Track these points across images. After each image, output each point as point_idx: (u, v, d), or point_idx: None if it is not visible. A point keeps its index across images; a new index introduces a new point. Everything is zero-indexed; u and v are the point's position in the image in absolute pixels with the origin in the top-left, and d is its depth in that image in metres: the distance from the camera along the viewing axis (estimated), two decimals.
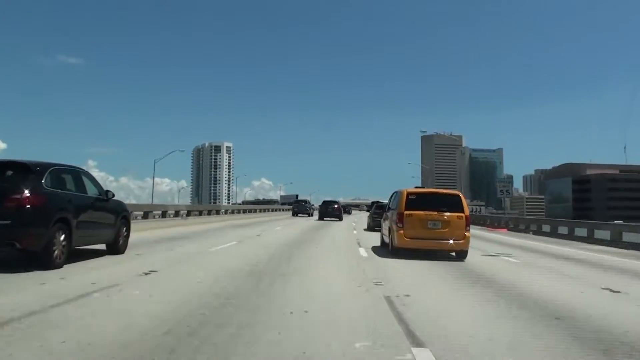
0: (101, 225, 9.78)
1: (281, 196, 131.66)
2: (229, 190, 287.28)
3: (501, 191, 37.34)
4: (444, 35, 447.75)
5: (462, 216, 11.45)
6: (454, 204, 11.67)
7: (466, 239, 11.36)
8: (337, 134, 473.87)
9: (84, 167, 10.84)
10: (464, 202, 11.76)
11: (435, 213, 11.42)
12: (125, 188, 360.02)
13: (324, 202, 39.10)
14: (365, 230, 24.57)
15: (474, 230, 18.37)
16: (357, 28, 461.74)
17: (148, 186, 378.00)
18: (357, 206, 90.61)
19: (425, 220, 11.41)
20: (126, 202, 13.97)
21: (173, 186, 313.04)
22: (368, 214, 67.22)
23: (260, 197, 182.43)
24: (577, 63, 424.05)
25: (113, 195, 10.37)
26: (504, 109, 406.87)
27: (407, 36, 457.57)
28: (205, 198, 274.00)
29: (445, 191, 13.20)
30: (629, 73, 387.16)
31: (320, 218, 35.90)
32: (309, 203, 51.36)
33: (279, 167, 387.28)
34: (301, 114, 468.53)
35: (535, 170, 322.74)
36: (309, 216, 43.71)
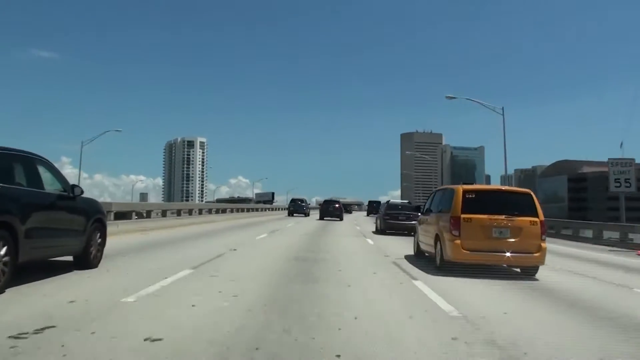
0: (64, 231, 7.30)
1: (256, 194, 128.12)
2: (202, 188, 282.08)
3: None
4: (428, 35, 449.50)
5: (536, 221, 9.18)
6: (524, 205, 9.38)
7: (542, 251, 9.08)
8: (315, 134, 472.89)
9: (57, 164, 8.33)
10: (537, 203, 9.47)
11: (502, 218, 9.11)
12: (100, 185, 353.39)
13: (325, 202, 40.16)
14: (374, 233, 22.50)
15: None
16: (337, 28, 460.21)
17: (124, 183, 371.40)
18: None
19: (489, 228, 9.09)
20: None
21: (149, 183, 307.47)
22: (365, 213, 63.52)
23: (236, 195, 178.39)
24: (561, 62, 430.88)
25: (82, 192, 7.82)
26: (485, 108, 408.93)
27: (390, 36, 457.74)
28: (177, 196, 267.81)
29: (512, 189, 10.96)
30: (612, 72, 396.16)
31: (321, 217, 36.23)
32: (306, 202, 49.49)
33: (255, 165, 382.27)
34: (279, 112, 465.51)
35: (515, 170, 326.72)
36: (305, 216, 42.97)
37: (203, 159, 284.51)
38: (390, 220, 21.64)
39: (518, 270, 9.67)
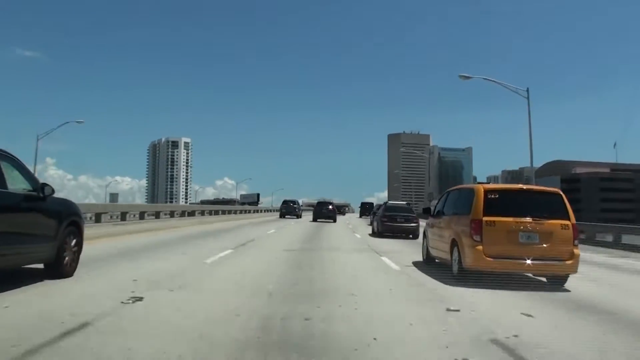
0: (32, 236, 6.38)
1: (241, 195, 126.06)
2: (186, 189, 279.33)
3: None
4: (412, 35, 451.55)
5: (567, 225, 8.31)
6: (554, 206, 8.51)
7: (575, 258, 8.20)
8: (302, 135, 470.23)
9: (41, 165, 7.23)
10: (568, 204, 8.60)
11: (530, 220, 8.23)
12: (85, 187, 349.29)
13: (319, 204, 39.95)
14: (371, 236, 21.70)
15: None
16: (323, 28, 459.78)
17: (109, 184, 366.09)
18: None
19: (515, 232, 8.20)
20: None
21: (134, 185, 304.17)
22: (356, 215, 62.40)
23: (221, 197, 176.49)
24: (551, 62, 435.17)
25: (53, 192, 6.83)
26: (471, 109, 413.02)
27: (373, 36, 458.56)
28: (161, 197, 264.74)
29: (540, 188, 10.05)
30: (601, 72, 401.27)
31: (314, 219, 36.15)
32: (298, 204, 48.73)
33: (241, 166, 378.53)
34: (265, 112, 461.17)
35: (503, 171, 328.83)
36: (297, 218, 42.92)
37: (187, 159, 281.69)
38: (389, 222, 20.79)
39: (543, 279, 8.80)
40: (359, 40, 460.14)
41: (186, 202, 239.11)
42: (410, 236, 20.53)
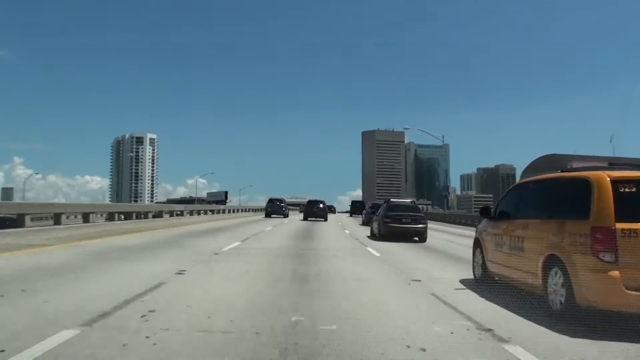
0: None
1: (208, 193, 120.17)
2: (152, 188, 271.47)
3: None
4: (396, 35, 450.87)
5: None
6: None
7: None
8: (274, 134, 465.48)
9: (8, 165, 3.73)
10: None
11: None
12: (54, 186, 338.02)
13: (309, 202, 39.38)
14: (370, 238, 19.05)
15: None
16: (296, 29, 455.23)
17: (78, 184, 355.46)
18: (298, 205, 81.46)
19: None
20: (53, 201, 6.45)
21: (104, 184, 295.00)
22: (349, 214, 58.44)
23: (188, 196, 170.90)
24: (524, 62, 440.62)
25: None
26: (447, 109, 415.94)
27: (353, 36, 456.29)
28: (125, 196, 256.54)
29: None
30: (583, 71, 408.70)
31: (305, 218, 36.19)
32: (285, 202, 45.81)
33: (214, 166, 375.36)
34: (236, 113, 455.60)
35: (478, 169, 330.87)
36: (284, 217, 41.11)
37: (153, 156, 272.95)
38: (392, 223, 17.67)
39: None
40: (334, 40, 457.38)
41: (152, 201, 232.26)
42: (416, 239, 17.60)
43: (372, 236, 19.61)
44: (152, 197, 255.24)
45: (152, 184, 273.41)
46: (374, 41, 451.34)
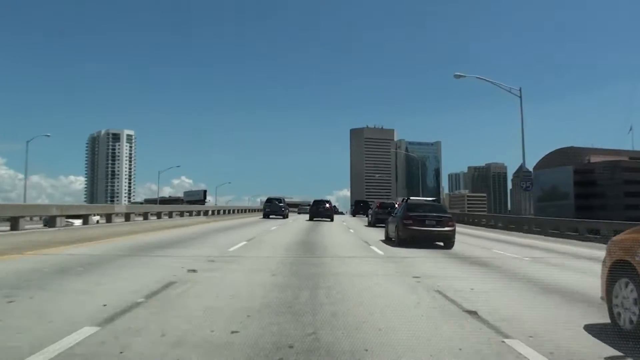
0: None
1: (185, 192, 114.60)
2: (129, 187, 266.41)
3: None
4: (384, 34, 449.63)
5: None
6: None
7: None
8: (261, 133, 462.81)
9: None
10: None
11: None
12: (38, 187, 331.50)
13: (315, 202, 39.22)
14: (385, 243, 16.80)
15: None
16: (282, 26, 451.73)
17: (62, 185, 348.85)
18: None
19: None
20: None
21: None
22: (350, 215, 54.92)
23: (168, 195, 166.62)
24: (510, 57, 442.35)
25: None
26: (438, 108, 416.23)
27: (340, 35, 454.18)
28: (100, 196, 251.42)
29: None
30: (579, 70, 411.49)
31: (311, 218, 36.04)
32: (284, 202, 43.13)
33: (199, 166, 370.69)
34: (222, 112, 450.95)
35: (469, 168, 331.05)
36: (283, 218, 38.99)
37: (131, 154, 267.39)
38: (414, 225, 15.30)
39: None
40: (319, 37, 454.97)
41: (129, 201, 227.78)
42: (441, 244, 15.45)
43: (388, 240, 17.03)
44: (129, 197, 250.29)
45: (130, 183, 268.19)
46: (362, 39, 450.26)
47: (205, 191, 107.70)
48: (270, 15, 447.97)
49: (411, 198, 18.36)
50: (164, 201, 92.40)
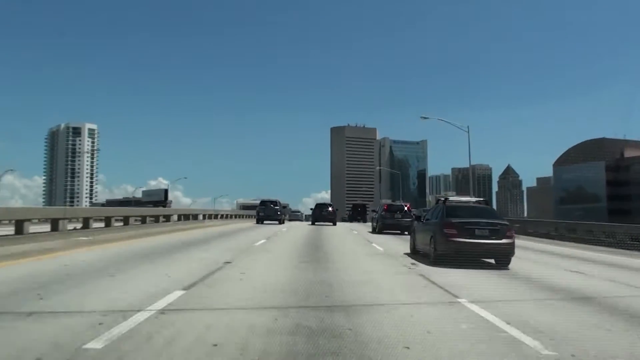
0: None
1: (144, 192, 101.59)
2: (91, 186, 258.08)
3: None
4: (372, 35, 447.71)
5: None
6: None
7: None
8: (237, 133, 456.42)
9: None
10: None
11: None
12: (10, 187, 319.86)
13: (318, 205, 39.86)
14: (412, 257, 12.54)
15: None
16: (258, 25, 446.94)
17: (37, 185, 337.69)
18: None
19: None
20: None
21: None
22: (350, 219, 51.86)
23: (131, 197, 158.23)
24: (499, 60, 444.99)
25: None
26: (422, 109, 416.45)
27: (317, 36, 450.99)
28: (59, 196, 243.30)
29: None
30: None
31: (313, 222, 36.48)
32: (280, 205, 39.95)
33: (176, 167, 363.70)
34: (201, 112, 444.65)
35: (452, 169, 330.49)
36: (279, 223, 36.63)
37: (93, 150, 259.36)
38: (459, 237, 11.74)
39: None
40: (296, 37, 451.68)
41: (90, 202, 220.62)
42: (492, 261, 12.16)
43: (415, 254, 13.77)
44: (91, 197, 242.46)
45: (92, 182, 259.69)
46: (341, 41, 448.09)
47: (166, 190, 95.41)
48: (251, 12, 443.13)
49: (449, 198, 14.82)
50: (123, 203, 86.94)
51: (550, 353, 4.84)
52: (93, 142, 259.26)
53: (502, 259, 12.04)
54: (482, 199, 14.90)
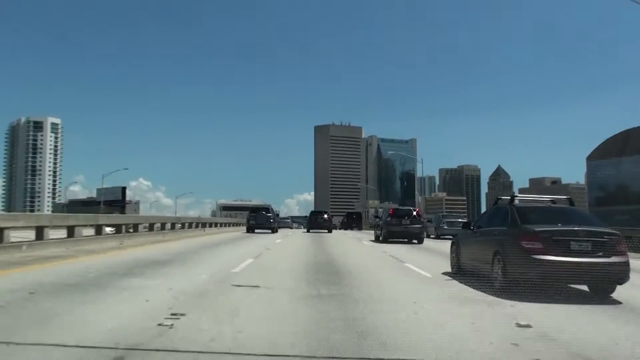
0: None
1: (98, 190, 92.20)
2: (54, 185, 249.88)
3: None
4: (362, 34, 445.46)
5: None
6: None
7: None
8: (218, 132, 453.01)
9: None
10: None
11: None
12: None
13: (313, 213, 42.46)
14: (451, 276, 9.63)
15: None
16: (241, 26, 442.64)
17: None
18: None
19: None
20: None
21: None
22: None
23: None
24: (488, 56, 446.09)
25: None
26: (410, 108, 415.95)
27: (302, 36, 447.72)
28: (19, 196, 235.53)
29: None
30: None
31: (309, 230, 37.98)
32: (273, 212, 37.39)
33: (157, 168, 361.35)
34: (181, 112, 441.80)
35: (440, 170, 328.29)
36: (272, 232, 33.82)
37: (56, 146, 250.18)
38: (547, 254, 7.68)
39: None
40: (283, 39, 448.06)
41: (53, 202, 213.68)
42: (588, 290, 8.33)
43: (459, 275, 9.96)
44: (53, 197, 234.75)
45: (55, 181, 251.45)
46: (327, 39, 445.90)
47: (124, 188, 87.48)
48: (234, 8, 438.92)
49: (517, 195, 10.82)
50: (86, 203, 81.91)
51: None
52: (56, 138, 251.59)
53: (609, 287, 8.12)
54: (564, 197, 10.76)
